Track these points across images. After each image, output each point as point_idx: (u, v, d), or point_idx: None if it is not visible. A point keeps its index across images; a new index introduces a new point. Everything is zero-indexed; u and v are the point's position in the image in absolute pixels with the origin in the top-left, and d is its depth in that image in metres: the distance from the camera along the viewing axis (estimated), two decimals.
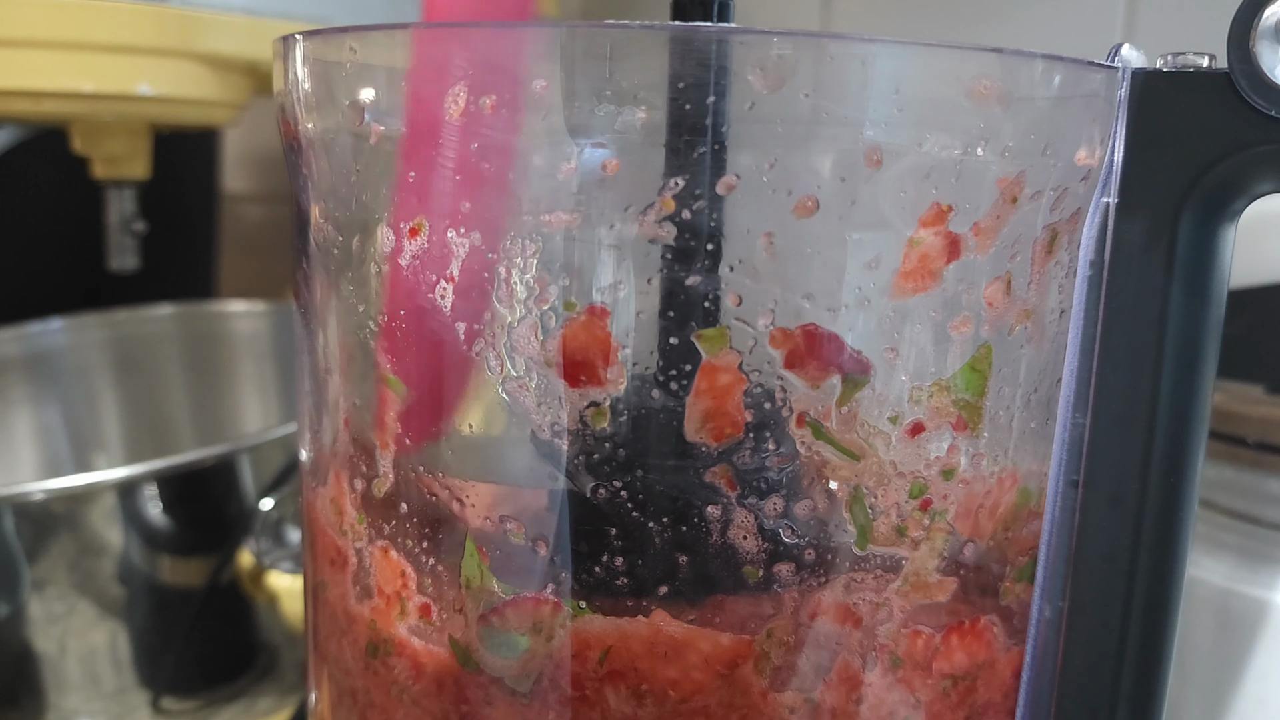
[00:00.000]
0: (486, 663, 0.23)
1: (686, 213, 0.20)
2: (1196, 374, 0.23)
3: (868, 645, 0.22)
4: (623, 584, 0.22)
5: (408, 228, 0.23)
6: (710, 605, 0.22)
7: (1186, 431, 0.23)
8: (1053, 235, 0.23)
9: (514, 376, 0.22)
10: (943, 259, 0.21)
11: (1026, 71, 0.21)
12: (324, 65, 0.24)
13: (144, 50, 0.49)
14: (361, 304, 0.24)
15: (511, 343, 0.22)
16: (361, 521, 0.25)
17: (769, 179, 0.20)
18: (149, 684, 0.48)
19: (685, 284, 0.21)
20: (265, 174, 0.79)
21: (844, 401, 0.22)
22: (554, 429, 0.22)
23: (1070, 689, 0.24)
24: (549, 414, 0.22)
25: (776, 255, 0.21)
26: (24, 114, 0.51)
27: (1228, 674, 0.34)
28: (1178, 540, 0.23)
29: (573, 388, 0.21)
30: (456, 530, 0.23)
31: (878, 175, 0.20)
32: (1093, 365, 0.23)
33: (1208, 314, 0.22)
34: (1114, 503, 0.23)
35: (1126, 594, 0.23)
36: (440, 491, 0.23)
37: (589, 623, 0.22)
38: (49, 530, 0.45)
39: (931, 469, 0.23)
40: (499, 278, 0.21)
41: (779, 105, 0.20)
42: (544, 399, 0.22)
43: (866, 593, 0.22)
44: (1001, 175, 0.21)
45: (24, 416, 0.64)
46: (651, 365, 0.22)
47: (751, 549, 0.22)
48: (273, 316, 0.68)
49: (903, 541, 0.23)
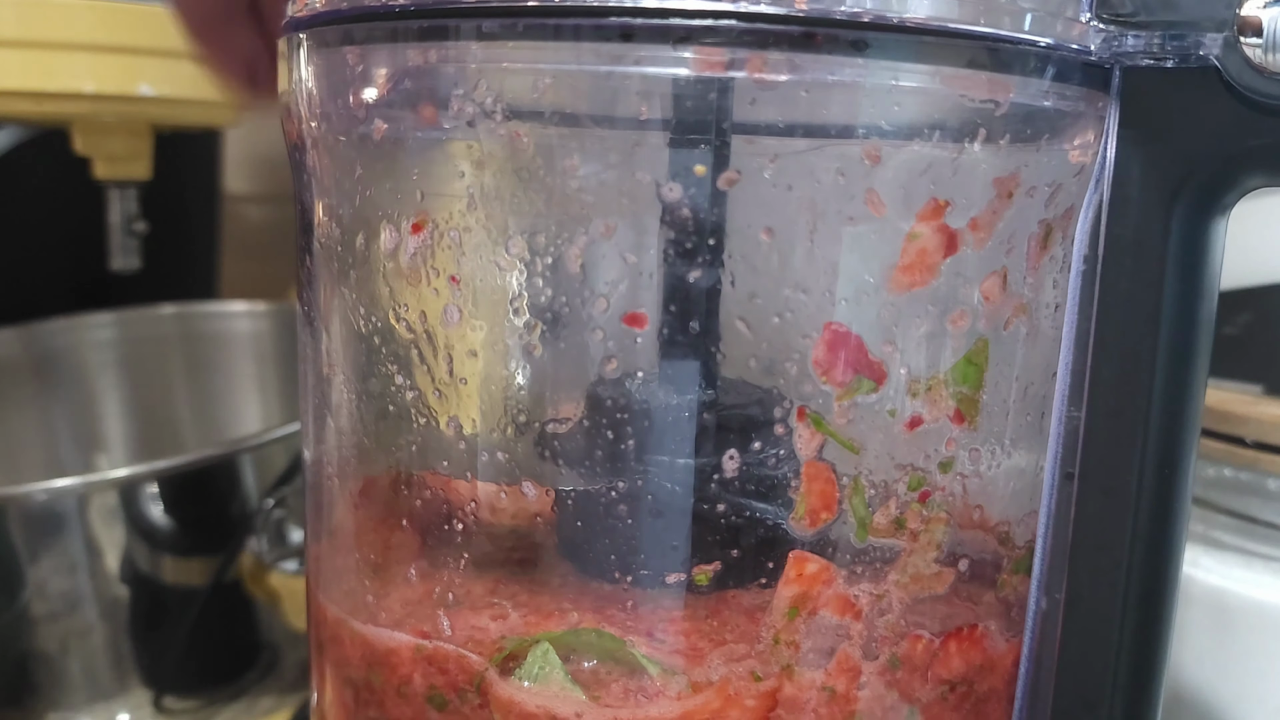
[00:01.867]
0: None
1: (686, 207, 0.21)
2: (1190, 367, 0.23)
3: (868, 638, 0.23)
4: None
5: (410, 223, 0.23)
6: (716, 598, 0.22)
7: (1180, 424, 0.23)
8: (1047, 230, 0.23)
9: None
10: (940, 254, 0.22)
11: (1020, 63, 0.21)
12: (329, 64, 0.24)
13: (145, 51, 0.49)
14: (365, 303, 0.24)
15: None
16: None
17: (770, 174, 0.21)
18: (150, 683, 0.48)
19: (687, 279, 0.21)
20: (267, 175, 0.79)
21: (846, 397, 0.22)
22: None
23: (1068, 680, 0.24)
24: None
25: (775, 250, 0.21)
26: (25, 114, 0.51)
27: (1226, 672, 0.34)
28: (1173, 532, 0.24)
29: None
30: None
31: (875, 171, 0.21)
32: (1087, 359, 0.23)
33: (1201, 307, 0.23)
34: (1109, 495, 0.23)
35: (1122, 585, 0.23)
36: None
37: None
38: (51, 530, 0.45)
39: (930, 461, 0.23)
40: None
41: (780, 101, 0.20)
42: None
43: (865, 584, 0.23)
44: (997, 171, 0.22)
45: (26, 416, 0.64)
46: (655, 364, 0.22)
47: (749, 542, 0.22)
48: (274, 317, 0.68)
49: (901, 533, 0.23)
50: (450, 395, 0.23)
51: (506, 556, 0.24)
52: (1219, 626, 0.34)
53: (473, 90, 0.21)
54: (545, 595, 0.24)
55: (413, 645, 0.24)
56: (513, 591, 0.24)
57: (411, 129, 0.22)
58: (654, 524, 0.22)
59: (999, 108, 0.21)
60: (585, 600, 0.23)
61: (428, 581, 0.24)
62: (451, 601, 0.24)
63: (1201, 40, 0.21)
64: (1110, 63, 0.22)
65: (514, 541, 0.24)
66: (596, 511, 0.22)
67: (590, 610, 0.23)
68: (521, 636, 0.23)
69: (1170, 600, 0.24)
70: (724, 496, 0.22)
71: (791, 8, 0.19)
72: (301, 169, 0.26)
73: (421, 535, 0.24)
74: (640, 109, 0.20)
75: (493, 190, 0.22)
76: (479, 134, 0.21)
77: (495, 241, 0.22)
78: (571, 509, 0.23)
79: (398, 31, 0.22)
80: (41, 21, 0.47)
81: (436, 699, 0.23)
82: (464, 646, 0.23)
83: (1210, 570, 0.35)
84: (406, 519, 0.25)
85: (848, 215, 0.21)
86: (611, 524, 0.22)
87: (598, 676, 0.22)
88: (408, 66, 0.22)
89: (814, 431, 0.22)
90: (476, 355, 0.23)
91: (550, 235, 0.21)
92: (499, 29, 0.20)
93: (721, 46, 0.19)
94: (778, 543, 0.22)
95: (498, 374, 0.23)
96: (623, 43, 0.20)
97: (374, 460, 0.26)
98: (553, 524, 0.23)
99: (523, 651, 0.23)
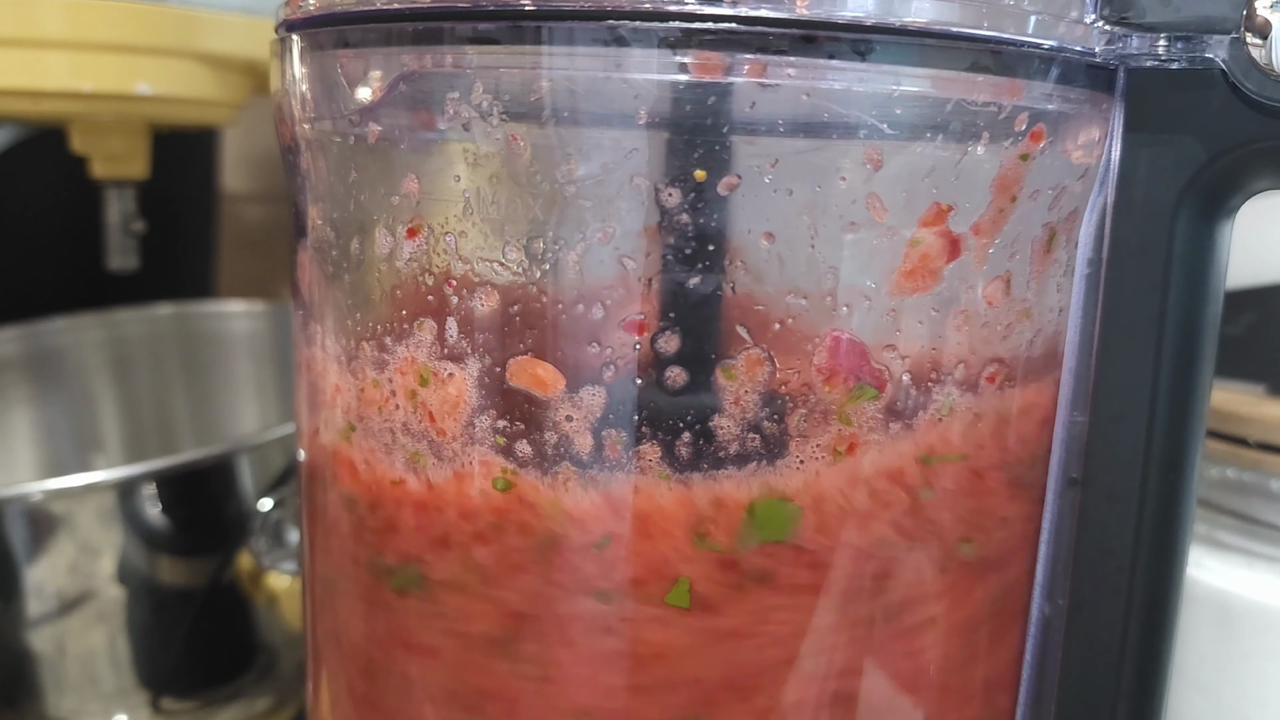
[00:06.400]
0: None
1: (686, 213, 0.20)
2: (1195, 370, 0.23)
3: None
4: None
5: (405, 227, 0.23)
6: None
7: (1185, 428, 0.23)
8: (1051, 234, 0.23)
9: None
10: (943, 258, 0.21)
11: (1024, 66, 0.21)
12: (322, 64, 0.24)
13: (143, 49, 0.49)
14: (359, 306, 0.24)
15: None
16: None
17: (771, 178, 0.20)
18: (148, 684, 0.48)
19: (686, 284, 0.21)
20: (264, 174, 0.79)
21: (849, 404, 0.22)
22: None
23: (1071, 686, 0.24)
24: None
25: (777, 255, 0.21)
26: (23, 113, 0.51)
27: (1229, 675, 0.34)
28: (1177, 537, 0.23)
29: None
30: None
31: (877, 175, 0.20)
32: (1091, 363, 0.23)
33: (1205, 310, 0.22)
34: (1113, 500, 0.23)
35: (1126, 591, 0.23)
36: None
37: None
38: (48, 530, 0.45)
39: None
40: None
41: (780, 104, 0.20)
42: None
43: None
44: (1000, 174, 0.21)
45: (23, 416, 0.64)
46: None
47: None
48: (271, 316, 0.68)
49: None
50: (444, 400, 0.23)
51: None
52: (1222, 628, 0.34)
53: (468, 93, 0.21)
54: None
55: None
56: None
57: (406, 132, 0.22)
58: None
59: (1002, 110, 0.21)
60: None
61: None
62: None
63: (1207, 42, 0.21)
64: (1115, 64, 0.22)
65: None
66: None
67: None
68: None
69: (1174, 605, 0.24)
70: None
71: (792, 11, 0.19)
72: (295, 171, 0.25)
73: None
74: (639, 112, 0.20)
75: (489, 194, 0.21)
76: (475, 137, 0.21)
77: (491, 246, 0.22)
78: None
79: (392, 34, 0.21)
80: (39, 20, 0.47)
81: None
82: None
83: (1213, 572, 0.35)
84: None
85: (849, 220, 0.21)
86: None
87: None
88: (402, 70, 0.21)
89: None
90: (474, 358, 0.22)
91: (548, 240, 0.21)
92: (494, 32, 0.20)
93: (720, 51, 0.19)
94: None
95: (493, 378, 0.23)
96: (620, 47, 0.19)
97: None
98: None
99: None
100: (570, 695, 0.23)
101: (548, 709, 0.23)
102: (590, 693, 0.23)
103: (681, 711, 0.22)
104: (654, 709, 0.22)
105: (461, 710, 0.24)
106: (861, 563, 0.22)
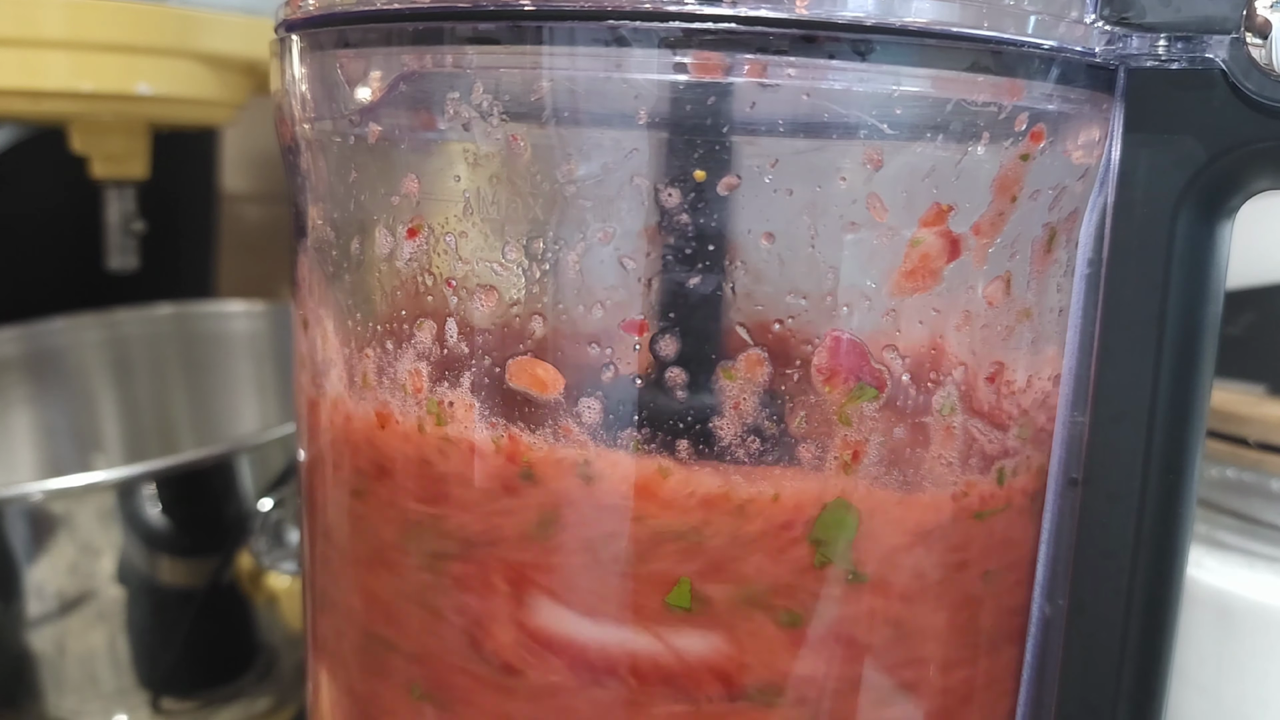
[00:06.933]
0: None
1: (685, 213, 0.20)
2: (1195, 370, 0.23)
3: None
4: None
5: (405, 227, 0.23)
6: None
7: (1185, 428, 0.23)
8: (1051, 234, 0.23)
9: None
10: (943, 258, 0.21)
11: (1024, 66, 0.21)
12: (322, 64, 0.24)
13: (143, 49, 0.49)
14: (359, 306, 0.24)
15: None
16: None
17: (771, 179, 0.20)
18: (148, 684, 0.48)
19: (686, 284, 0.21)
20: (264, 174, 0.79)
21: (849, 404, 0.22)
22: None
23: (1071, 687, 0.24)
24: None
25: (777, 255, 0.21)
26: (23, 113, 0.51)
27: (1229, 675, 0.34)
28: (1177, 537, 0.23)
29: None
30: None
31: (877, 175, 0.20)
32: (1091, 363, 0.23)
33: (1206, 310, 0.22)
34: (1113, 500, 0.23)
35: (1127, 591, 0.23)
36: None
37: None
38: (47, 530, 0.45)
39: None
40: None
41: (780, 104, 0.20)
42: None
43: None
44: (1000, 174, 0.21)
45: (23, 416, 0.64)
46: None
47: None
48: (271, 316, 0.68)
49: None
50: (445, 398, 0.23)
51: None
52: (1222, 628, 0.34)
53: (468, 93, 0.21)
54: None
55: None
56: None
57: (406, 132, 0.22)
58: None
59: (1002, 110, 0.21)
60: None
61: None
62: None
63: (1207, 42, 0.21)
64: (1115, 64, 0.22)
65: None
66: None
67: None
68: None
69: (1175, 605, 0.24)
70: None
71: (792, 11, 0.19)
72: (295, 171, 0.25)
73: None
74: (639, 112, 0.20)
75: (489, 194, 0.21)
76: (475, 137, 0.21)
77: (492, 246, 0.22)
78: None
79: (392, 34, 0.21)
80: (39, 21, 0.47)
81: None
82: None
83: (1213, 572, 0.35)
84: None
85: (849, 220, 0.21)
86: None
87: None
88: (402, 70, 0.21)
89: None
90: (473, 358, 0.22)
91: (548, 240, 0.21)
92: (495, 32, 0.20)
93: (720, 50, 0.19)
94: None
95: (493, 378, 0.23)
96: (620, 47, 0.19)
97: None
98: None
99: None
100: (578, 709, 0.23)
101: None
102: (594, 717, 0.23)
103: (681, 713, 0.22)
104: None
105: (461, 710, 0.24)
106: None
